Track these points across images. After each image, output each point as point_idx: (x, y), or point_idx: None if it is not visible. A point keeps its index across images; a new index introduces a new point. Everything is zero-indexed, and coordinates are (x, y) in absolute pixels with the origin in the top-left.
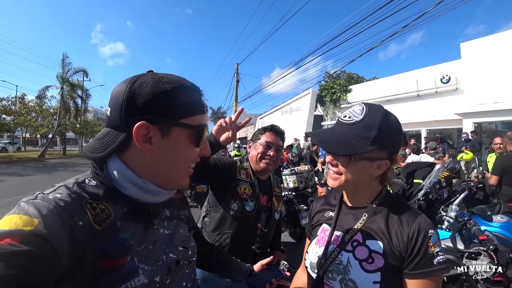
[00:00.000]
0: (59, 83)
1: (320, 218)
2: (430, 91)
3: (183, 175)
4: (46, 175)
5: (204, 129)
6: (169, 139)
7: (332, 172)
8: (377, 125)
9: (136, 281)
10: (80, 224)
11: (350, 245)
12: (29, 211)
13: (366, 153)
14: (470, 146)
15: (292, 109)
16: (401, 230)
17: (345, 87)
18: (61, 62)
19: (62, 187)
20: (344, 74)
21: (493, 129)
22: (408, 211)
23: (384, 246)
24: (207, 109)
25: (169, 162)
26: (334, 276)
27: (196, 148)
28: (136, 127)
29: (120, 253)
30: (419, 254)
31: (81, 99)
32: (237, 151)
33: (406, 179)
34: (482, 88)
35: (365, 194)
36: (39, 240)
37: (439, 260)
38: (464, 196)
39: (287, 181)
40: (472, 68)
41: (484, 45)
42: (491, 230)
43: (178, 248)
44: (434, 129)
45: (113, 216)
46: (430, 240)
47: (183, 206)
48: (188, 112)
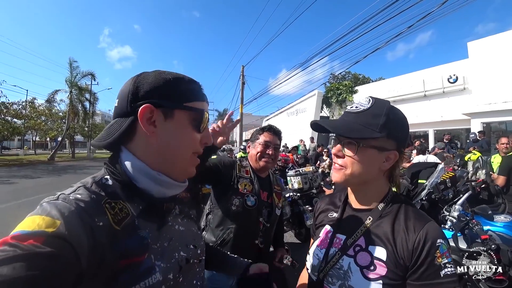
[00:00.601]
0: (68, 87)
1: (324, 218)
2: (437, 91)
3: (189, 162)
4: (56, 177)
5: (204, 113)
6: (172, 121)
7: (338, 165)
8: (384, 113)
9: (153, 278)
10: (100, 224)
11: (352, 249)
12: (51, 213)
13: (374, 140)
14: (478, 146)
15: (298, 110)
16: (407, 237)
17: (351, 88)
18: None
19: (82, 187)
20: (350, 75)
21: (503, 129)
22: (416, 216)
23: (388, 253)
24: (207, 100)
25: (173, 145)
26: (334, 281)
27: (197, 133)
28: (141, 109)
29: (139, 251)
30: (424, 264)
31: (89, 103)
32: (243, 153)
33: (410, 180)
34: (491, 88)
35: (371, 193)
36: (61, 242)
37: (447, 272)
38: (468, 196)
39: (292, 182)
40: (480, 67)
41: (492, 44)
42: (495, 230)
43: (189, 246)
44: (442, 129)
45: (131, 214)
46: (438, 251)
47: (192, 206)
48: (189, 97)
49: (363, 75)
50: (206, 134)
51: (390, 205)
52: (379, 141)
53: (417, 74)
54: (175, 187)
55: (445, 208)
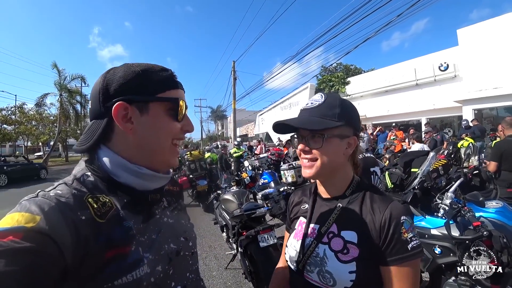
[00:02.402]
0: (57, 90)
1: (297, 211)
2: (429, 80)
3: (169, 152)
4: (49, 182)
5: (179, 101)
6: (148, 115)
7: (307, 161)
8: (338, 104)
9: (140, 270)
10: (83, 218)
11: (326, 237)
12: (30, 209)
13: (335, 129)
14: (471, 133)
15: (292, 104)
16: (374, 218)
17: (343, 79)
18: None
19: (62, 184)
20: (341, 66)
21: (494, 115)
22: (380, 198)
23: (358, 235)
24: (182, 87)
25: (152, 138)
26: (312, 268)
27: (175, 122)
28: (114, 108)
29: (124, 242)
30: (392, 241)
31: (81, 105)
32: (237, 149)
33: (403, 169)
34: (481, 74)
35: (339, 181)
36: (41, 237)
37: (413, 245)
38: (460, 183)
39: (286, 176)
40: (470, 54)
41: (481, 31)
42: (487, 216)
43: (180, 238)
44: (434, 117)
45: (115, 207)
46: (403, 227)
47: (181, 197)
48: (161, 87)
49: (354, 66)
50: (186, 122)
51: (356, 191)
52: (339, 129)
53: (408, 63)
54: (158, 179)
55: (438, 196)
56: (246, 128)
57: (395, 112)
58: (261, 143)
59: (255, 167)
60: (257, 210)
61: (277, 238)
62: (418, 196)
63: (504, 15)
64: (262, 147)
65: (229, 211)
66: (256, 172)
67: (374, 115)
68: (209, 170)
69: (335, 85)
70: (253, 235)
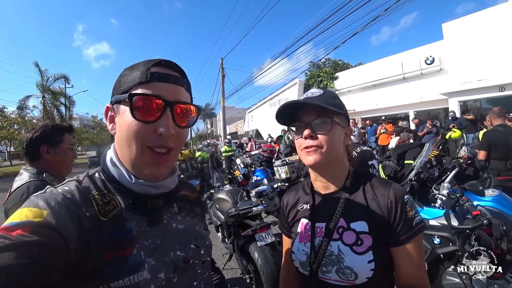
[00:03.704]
0: (40, 92)
1: (295, 213)
2: (416, 73)
3: (141, 159)
4: None
5: (133, 96)
6: (119, 116)
7: (313, 147)
8: (336, 96)
9: (139, 275)
10: (87, 215)
11: (336, 232)
12: (38, 204)
13: (338, 117)
14: (457, 124)
15: (281, 100)
16: (379, 203)
17: (331, 74)
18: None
19: (73, 181)
20: (329, 61)
21: (478, 107)
22: (380, 183)
23: (368, 224)
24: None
25: (123, 141)
26: (329, 268)
27: (144, 123)
28: (104, 110)
29: (124, 243)
30: (401, 221)
31: (65, 107)
32: (228, 146)
33: (397, 161)
34: (466, 67)
35: (338, 172)
36: (49, 230)
37: (417, 221)
38: (455, 173)
39: (279, 172)
40: (455, 47)
41: (466, 25)
42: (484, 205)
43: (190, 246)
44: (422, 110)
45: (120, 207)
46: (407, 205)
47: (198, 205)
48: (132, 84)
49: (342, 61)
50: (160, 123)
51: (355, 180)
52: (340, 118)
53: (395, 57)
54: (157, 185)
55: (434, 186)
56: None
57: (383, 106)
58: (251, 140)
59: (247, 165)
60: (253, 208)
61: (274, 236)
62: (415, 187)
63: (488, 9)
64: (252, 144)
65: (223, 210)
66: (248, 170)
67: (363, 109)
68: (201, 169)
69: (324, 81)
70: (251, 234)
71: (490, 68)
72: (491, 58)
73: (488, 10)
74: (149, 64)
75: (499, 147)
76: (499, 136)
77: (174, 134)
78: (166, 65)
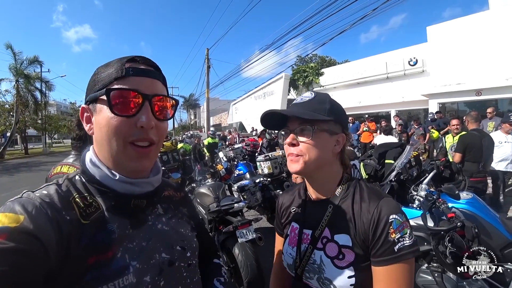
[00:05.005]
0: (13, 76)
1: (288, 215)
2: (399, 73)
3: (124, 154)
4: (7, 177)
5: (110, 91)
6: (97, 114)
7: (294, 155)
8: (328, 100)
9: (124, 279)
10: (68, 218)
11: (320, 242)
12: (14, 209)
13: (325, 124)
14: (436, 125)
15: (266, 93)
16: (364, 219)
17: (317, 70)
18: (11, 51)
19: (52, 184)
20: (317, 57)
21: (455, 109)
22: (370, 196)
23: (352, 238)
24: (134, 72)
25: (102, 138)
26: (311, 275)
27: (124, 118)
28: (80, 112)
29: (106, 246)
30: (379, 242)
31: (41, 92)
32: (212, 138)
33: (378, 160)
34: (446, 70)
35: (328, 179)
36: (26, 236)
37: (400, 246)
38: (433, 175)
39: (262, 167)
40: (437, 50)
41: (449, 29)
42: (458, 207)
43: (175, 247)
44: (403, 109)
45: (101, 209)
46: (391, 227)
47: (184, 205)
48: (107, 80)
49: (329, 57)
50: (141, 115)
51: (347, 188)
52: (329, 125)
53: (380, 57)
54: (140, 183)
55: (412, 187)
56: (220, 117)
57: (366, 104)
58: (232, 133)
59: (230, 158)
60: (234, 205)
61: (255, 232)
62: (395, 188)
63: (471, 15)
64: (234, 136)
65: (205, 205)
66: (231, 164)
67: (346, 106)
68: (182, 162)
69: (309, 76)
70: (231, 230)
71: (469, 73)
72: (470, 63)
73: (471, 17)
74: (123, 60)
75: (473, 150)
76: (475, 139)
77: (155, 127)
78: (140, 61)
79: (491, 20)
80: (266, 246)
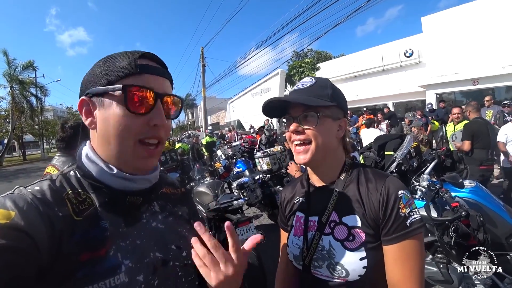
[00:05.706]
0: (8, 82)
1: (292, 206)
2: (395, 65)
3: (133, 153)
4: (5, 184)
5: (127, 88)
6: (104, 109)
7: (300, 143)
8: (329, 85)
9: (116, 279)
10: (60, 215)
11: (328, 226)
12: (6, 204)
13: (328, 109)
14: (435, 116)
15: (262, 90)
16: (372, 197)
17: (313, 65)
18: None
19: (46, 180)
20: (312, 52)
21: (452, 99)
22: (375, 176)
23: (361, 218)
24: (155, 71)
25: (109, 135)
26: (321, 263)
27: (137, 116)
28: (78, 104)
29: (99, 244)
30: (391, 218)
31: (36, 98)
32: (210, 137)
33: (377, 152)
34: (442, 60)
35: (333, 165)
36: (17, 233)
37: (412, 220)
38: (434, 165)
39: (261, 164)
40: (433, 41)
41: (444, 19)
42: (461, 196)
43: (170, 246)
44: (400, 101)
45: (95, 205)
46: (401, 202)
47: (183, 202)
48: (117, 76)
49: (325, 52)
50: (154, 114)
51: (351, 172)
52: (332, 110)
53: (376, 49)
54: (138, 180)
55: (414, 178)
56: (217, 116)
57: (364, 97)
58: (231, 131)
59: (228, 156)
60: (233, 202)
61: (256, 230)
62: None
63: (466, 4)
64: (233, 134)
65: (204, 204)
66: (230, 161)
67: None
68: (181, 162)
69: (306, 71)
70: None
71: (465, 62)
72: (466, 52)
73: (466, 6)
74: (134, 56)
75: (481, 136)
76: (480, 126)
77: (166, 125)
78: (150, 58)
79: (486, 8)
80: (267, 244)
